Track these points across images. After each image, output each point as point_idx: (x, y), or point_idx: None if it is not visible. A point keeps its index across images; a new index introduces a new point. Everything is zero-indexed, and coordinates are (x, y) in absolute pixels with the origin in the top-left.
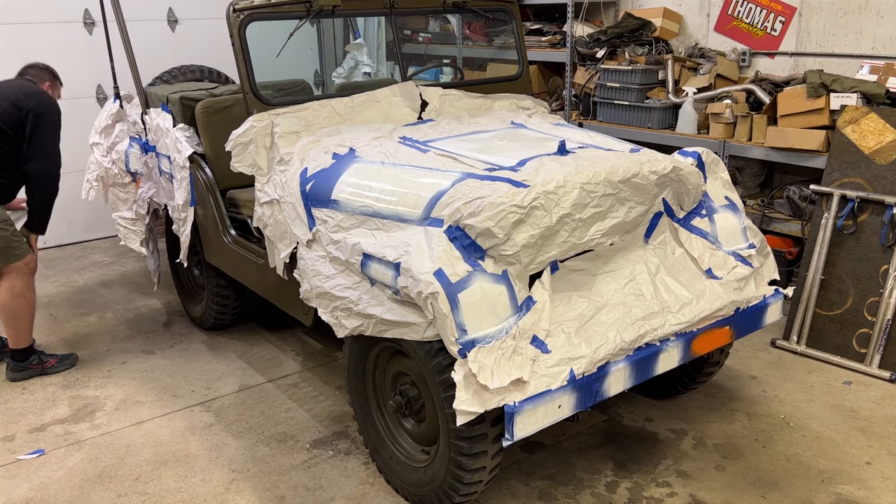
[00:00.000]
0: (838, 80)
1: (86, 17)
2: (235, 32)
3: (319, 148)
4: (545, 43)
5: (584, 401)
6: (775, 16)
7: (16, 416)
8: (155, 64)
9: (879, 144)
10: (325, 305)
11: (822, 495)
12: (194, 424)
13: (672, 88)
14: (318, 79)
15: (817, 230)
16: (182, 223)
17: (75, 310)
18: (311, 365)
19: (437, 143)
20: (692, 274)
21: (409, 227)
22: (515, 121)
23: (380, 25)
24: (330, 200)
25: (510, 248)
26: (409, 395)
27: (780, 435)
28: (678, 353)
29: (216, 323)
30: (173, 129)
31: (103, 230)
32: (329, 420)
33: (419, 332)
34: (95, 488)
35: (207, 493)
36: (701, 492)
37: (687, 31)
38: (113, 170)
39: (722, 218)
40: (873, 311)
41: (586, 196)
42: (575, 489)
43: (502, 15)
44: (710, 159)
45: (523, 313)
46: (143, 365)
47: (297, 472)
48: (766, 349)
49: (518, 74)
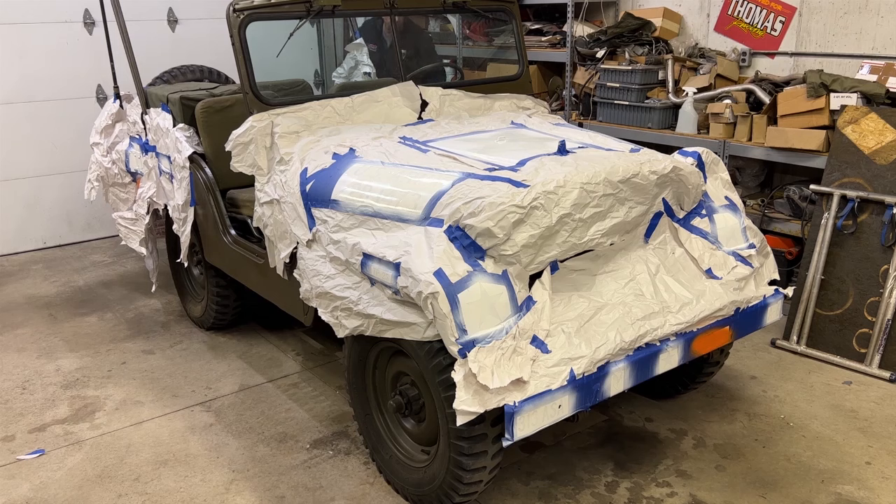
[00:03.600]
0: (838, 80)
1: (86, 17)
2: (235, 32)
3: (319, 148)
4: (545, 43)
5: (584, 401)
6: (775, 16)
7: (16, 416)
8: (155, 64)
9: (879, 144)
10: (325, 305)
11: (822, 495)
12: (194, 424)
13: (672, 88)
14: (318, 79)
15: (817, 230)
16: (182, 223)
17: (75, 310)
18: (311, 365)
19: (437, 143)
20: (692, 274)
21: (409, 227)
22: (515, 121)
23: None
24: (330, 200)
25: (510, 248)
26: (409, 395)
27: (780, 435)
28: (678, 353)
29: (216, 323)
30: (173, 129)
31: (103, 230)
32: (329, 420)
33: (419, 332)
34: (95, 488)
35: (207, 493)
36: (701, 492)
37: (687, 31)
38: (113, 170)
39: (722, 218)
40: (873, 311)
41: (586, 196)
42: (575, 489)
43: (502, 15)
44: (710, 159)
45: (523, 313)
46: (143, 365)
47: (297, 472)
48: (766, 349)
49: (518, 74)
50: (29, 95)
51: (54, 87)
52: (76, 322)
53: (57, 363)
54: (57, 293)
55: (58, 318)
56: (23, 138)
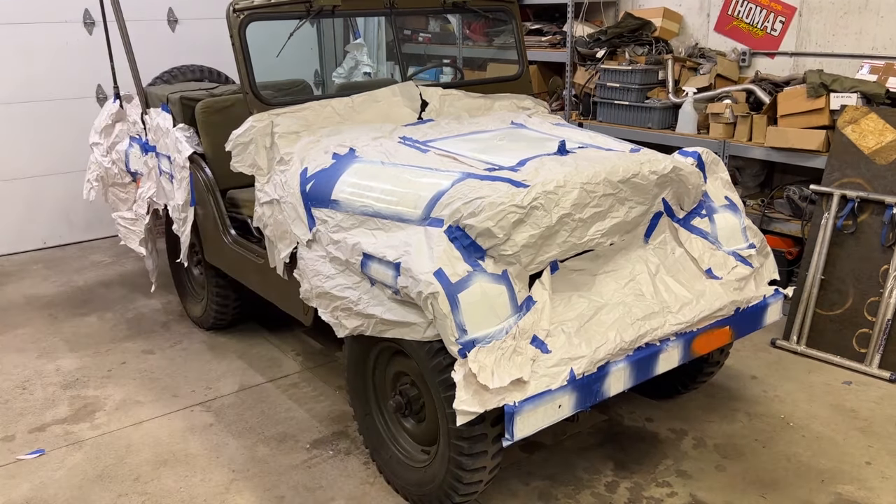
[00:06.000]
0: (838, 80)
1: (86, 17)
2: (235, 32)
3: (319, 148)
4: (545, 43)
5: (584, 401)
6: (775, 16)
7: (16, 416)
8: (155, 64)
9: (879, 144)
10: (325, 305)
11: (822, 495)
12: (194, 424)
13: (672, 88)
14: (318, 79)
15: (817, 230)
16: (182, 223)
17: (75, 310)
18: (311, 365)
19: (437, 143)
20: (692, 274)
21: (409, 227)
22: (515, 121)
23: (380, 25)
24: (330, 200)
25: (510, 248)
26: (409, 395)
27: (780, 435)
28: (678, 353)
29: (216, 323)
30: (173, 129)
31: (103, 230)
32: (329, 420)
33: (419, 332)
34: (95, 488)
35: (207, 493)
36: (701, 492)
37: (687, 31)
38: (113, 170)
39: (722, 218)
40: (873, 311)
41: (586, 196)
42: (575, 489)
43: (502, 15)
44: (710, 159)
45: (523, 313)
46: (143, 365)
47: (297, 472)
48: (766, 349)
49: (518, 74)
50: (29, 95)
51: (54, 87)
52: (76, 322)
53: (57, 363)
54: (57, 293)
55: (58, 318)
56: (23, 138)
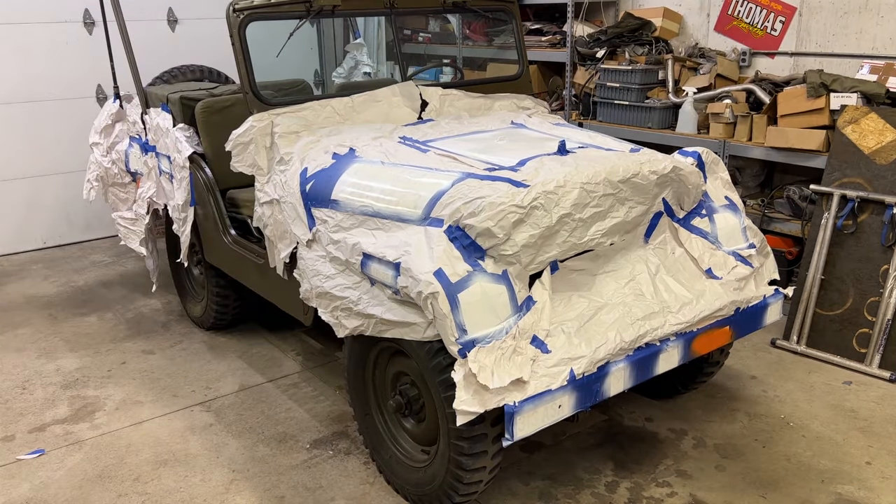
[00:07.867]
0: (838, 80)
1: (86, 17)
2: (235, 32)
3: (319, 148)
4: (545, 43)
5: (584, 401)
6: (775, 16)
7: (16, 416)
8: (155, 64)
9: (879, 144)
10: (325, 305)
11: (822, 495)
12: (194, 424)
13: (672, 88)
14: (318, 79)
15: (817, 230)
16: (182, 223)
17: (75, 310)
18: (311, 365)
19: (437, 143)
20: (692, 274)
21: (409, 227)
22: (515, 121)
23: (380, 25)
24: (330, 200)
25: (510, 248)
26: (409, 395)
27: (780, 435)
28: (678, 353)
29: (216, 323)
30: (173, 129)
31: (103, 230)
32: (329, 420)
33: (419, 332)
34: (95, 488)
35: (207, 493)
36: (701, 492)
37: (687, 31)
38: (113, 170)
39: (722, 218)
40: (873, 311)
41: (586, 196)
42: (575, 489)
43: (502, 15)
44: (710, 159)
45: (523, 313)
46: (143, 365)
47: (297, 472)
48: (766, 349)
49: (518, 74)
50: (29, 95)
51: (54, 87)
52: (76, 322)
53: (57, 363)
54: (57, 293)
55: (58, 318)
56: (23, 138)
